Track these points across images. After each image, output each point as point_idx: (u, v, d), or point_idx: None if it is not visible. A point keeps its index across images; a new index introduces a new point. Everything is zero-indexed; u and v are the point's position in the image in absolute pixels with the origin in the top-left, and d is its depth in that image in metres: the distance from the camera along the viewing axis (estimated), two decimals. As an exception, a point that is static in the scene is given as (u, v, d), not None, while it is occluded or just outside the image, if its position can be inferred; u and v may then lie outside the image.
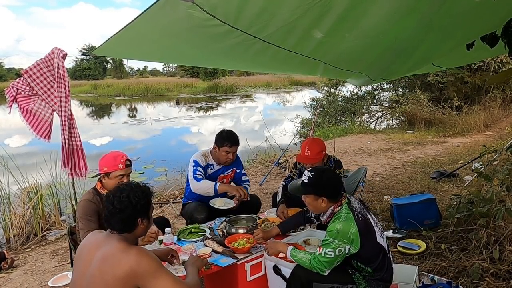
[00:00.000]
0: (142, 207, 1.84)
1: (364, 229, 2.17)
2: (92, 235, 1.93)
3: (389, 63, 3.35)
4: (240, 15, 1.82)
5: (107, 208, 1.82)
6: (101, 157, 2.68)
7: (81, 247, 1.90)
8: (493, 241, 3.09)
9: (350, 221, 2.15)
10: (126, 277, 1.67)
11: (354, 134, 11.28)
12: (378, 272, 2.23)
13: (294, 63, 3.10)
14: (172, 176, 7.41)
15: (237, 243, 2.55)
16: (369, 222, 2.24)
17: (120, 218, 1.79)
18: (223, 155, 3.29)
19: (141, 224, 1.86)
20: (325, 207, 2.28)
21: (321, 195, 2.25)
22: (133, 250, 1.75)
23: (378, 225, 2.33)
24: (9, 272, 3.70)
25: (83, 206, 2.59)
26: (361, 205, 2.34)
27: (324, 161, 3.24)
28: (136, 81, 42.68)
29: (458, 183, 5.46)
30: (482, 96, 12.58)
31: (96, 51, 2.59)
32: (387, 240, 2.39)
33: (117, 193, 1.83)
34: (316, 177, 2.26)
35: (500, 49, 2.83)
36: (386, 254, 2.28)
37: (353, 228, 2.13)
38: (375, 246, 2.20)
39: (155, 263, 1.74)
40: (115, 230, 1.81)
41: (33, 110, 3.82)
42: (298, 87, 37.50)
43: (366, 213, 2.30)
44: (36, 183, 5.21)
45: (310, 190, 2.27)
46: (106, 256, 1.74)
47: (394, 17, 2.13)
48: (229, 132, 3.33)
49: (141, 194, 1.85)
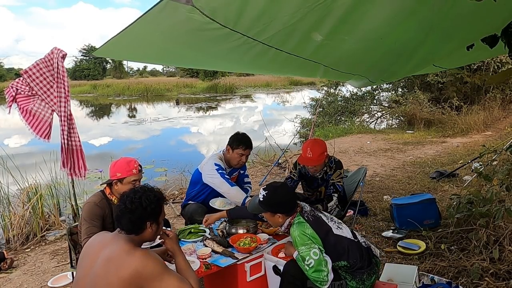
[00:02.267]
0: (152, 210, 1.86)
1: (317, 226, 2.28)
2: (99, 235, 1.95)
3: (389, 66, 3.35)
4: (240, 18, 1.82)
5: (119, 206, 1.85)
6: (112, 163, 2.68)
7: (88, 246, 1.90)
8: (493, 241, 3.09)
9: (301, 224, 2.28)
10: (131, 278, 1.68)
11: (354, 134, 11.28)
12: (353, 261, 2.28)
13: (294, 65, 3.10)
14: (171, 176, 7.40)
15: (242, 243, 2.55)
16: (321, 220, 2.35)
17: (129, 218, 1.81)
18: (235, 158, 3.27)
19: (149, 228, 1.87)
20: (282, 221, 2.38)
21: (276, 212, 2.36)
22: (138, 252, 1.76)
23: (333, 219, 2.44)
24: (8, 273, 3.70)
25: (89, 208, 2.58)
26: (311, 208, 2.45)
27: (325, 162, 3.24)
28: (136, 81, 42.68)
29: (457, 183, 5.47)
30: (482, 96, 12.59)
31: (96, 52, 2.59)
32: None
33: (130, 194, 1.87)
34: (270, 195, 2.35)
35: (500, 49, 2.83)
36: (354, 242, 2.35)
37: (307, 229, 2.25)
38: (336, 238, 2.29)
39: (160, 266, 1.75)
40: (124, 230, 1.83)
41: (33, 110, 3.82)
42: (298, 87, 37.54)
43: (317, 213, 2.41)
44: (36, 183, 5.20)
45: (266, 208, 2.38)
46: (111, 257, 1.74)
47: (394, 20, 2.13)
48: (244, 135, 3.33)
49: (153, 198, 1.87)
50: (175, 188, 6.40)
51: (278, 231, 2.86)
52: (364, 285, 2.29)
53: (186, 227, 2.94)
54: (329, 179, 3.30)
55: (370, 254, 2.39)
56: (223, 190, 3.15)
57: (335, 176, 3.28)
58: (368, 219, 4.35)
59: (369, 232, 3.97)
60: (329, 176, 3.30)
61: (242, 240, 2.59)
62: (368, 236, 3.87)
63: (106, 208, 2.62)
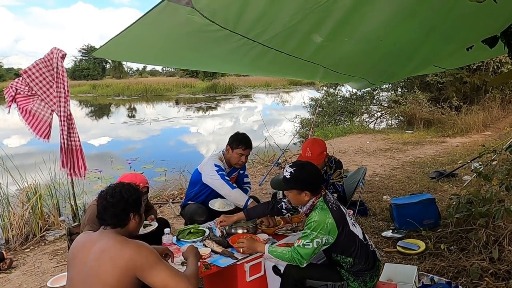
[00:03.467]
0: (134, 201, 1.92)
1: (339, 218, 2.25)
2: (84, 235, 1.97)
3: (389, 67, 3.36)
4: (239, 20, 1.82)
5: (101, 204, 1.89)
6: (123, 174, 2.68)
7: (75, 247, 1.90)
8: (493, 241, 3.09)
9: (325, 211, 2.22)
10: (126, 266, 1.70)
11: (354, 134, 11.28)
12: (359, 261, 2.28)
13: (293, 67, 3.10)
14: (171, 176, 7.39)
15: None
16: (342, 212, 2.31)
17: (113, 212, 1.85)
18: (235, 157, 3.27)
19: (133, 219, 1.92)
20: (308, 200, 2.32)
21: (303, 189, 2.30)
22: (133, 242, 1.79)
23: (350, 216, 2.40)
24: (8, 273, 3.70)
25: (93, 211, 2.56)
26: (334, 197, 2.43)
27: (325, 162, 3.24)
28: (135, 81, 42.62)
29: (457, 183, 5.47)
30: (481, 96, 12.60)
31: (95, 53, 2.59)
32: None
33: (109, 189, 1.93)
34: (298, 172, 2.29)
35: (499, 49, 2.83)
36: (363, 243, 2.33)
37: (328, 218, 2.20)
38: (349, 234, 2.27)
39: (154, 255, 1.77)
40: (108, 225, 1.86)
41: (33, 110, 3.81)
42: (297, 87, 37.51)
43: (339, 204, 2.37)
44: (35, 183, 5.19)
45: (293, 185, 2.31)
46: (105, 248, 1.76)
47: (394, 21, 2.13)
48: (244, 135, 3.33)
49: (132, 189, 1.95)
50: (174, 188, 6.40)
51: (279, 230, 2.87)
52: (366, 287, 2.29)
53: (186, 227, 2.94)
54: (329, 179, 3.30)
55: (375, 257, 2.39)
56: (224, 192, 3.14)
57: (335, 176, 3.28)
58: (368, 219, 4.35)
59: (369, 232, 3.97)
60: (329, 176, 3.31)
61: (242, 240, 2.59)
62: (368, 236, 3.86)
63: None
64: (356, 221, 2.44)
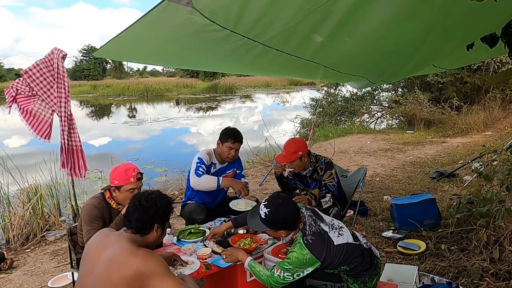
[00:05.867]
0: (163, 213, 1.89)
1: (318, 248, 2.17)
2: (101, 233, 1.95)
3: (389, 66, 3.36)
4: (240, 20, 1.82)
5: (133, 203, 1.87)
6: (112, 169, 2.64)
7: (89, 245, 1.91)
8: (493, 241, 3.09)
9: (302, 248, 2.18)
10: (132, 277, 1.69)
11: (354, 134, 11.28)
12: (354, 265, 2.25)
13: (294, 66, 3.10)
14: (171, 177, 7.40)
15: (242, 243, 2.55)
16: (322, 235, 2.22)
17: (141, 216, 1.83)
18: (225, 151, 3.30)
19: (155, 231, 1.88)
20: (285, 235, 2.32)
21: (279, 229, 2.29)
22: (141, 251, 1.77)
23: (334, 225, 2.31)
24: (8, 273, 3.70)
25: (88, 211, 2.56)
26: (313, 218, 2.30)
27: (303, 161, 3.23)
28: (136, 82, 42.67)
29: (458, 183, 5.46)
30: (482, 96, 12.59)
31: (96, 53, 2.59)
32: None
33: (146, 193, 1.92)
34: (273, 213, 2.24)
35: (500, 49, 2.83)
36: (355, 245, 2.28)
37: (306, 254, 2.15)
38: (337, 249, 2.20)
39: (161, 265, 1.75)
40: (130, 228, 1.84)
41: (33, 111, 3.82)
42: (298, 87, 37.53)
43: (318, 224, 2.28)
44: (36, 183, 5.20)
45: (268, 225, 2.29)
46: (114, 257, 1.75)
47: (394, 20, 2.14)
48: (234, 129, 3.37)
49: (166, 202, 1.92)
50: (175, 188, 6.40)
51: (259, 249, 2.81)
52: (366, 287, 2.29)
53: (186, 227, 2.94)
54: (321, 180, 3.32)
55: (372, 255, 2.37)
56: (193, 183, 3.18)
57: (326, 177, 3.30)
58: (368, 219, 4.35)
59: (369, 232, 3.97)
60: (320, 177, 3.32)
61: (242, 240, 2.59)
62: (368, 236, 3.86)
63: (104, 211, 2.59)
64: (341, 227, 2.33)
